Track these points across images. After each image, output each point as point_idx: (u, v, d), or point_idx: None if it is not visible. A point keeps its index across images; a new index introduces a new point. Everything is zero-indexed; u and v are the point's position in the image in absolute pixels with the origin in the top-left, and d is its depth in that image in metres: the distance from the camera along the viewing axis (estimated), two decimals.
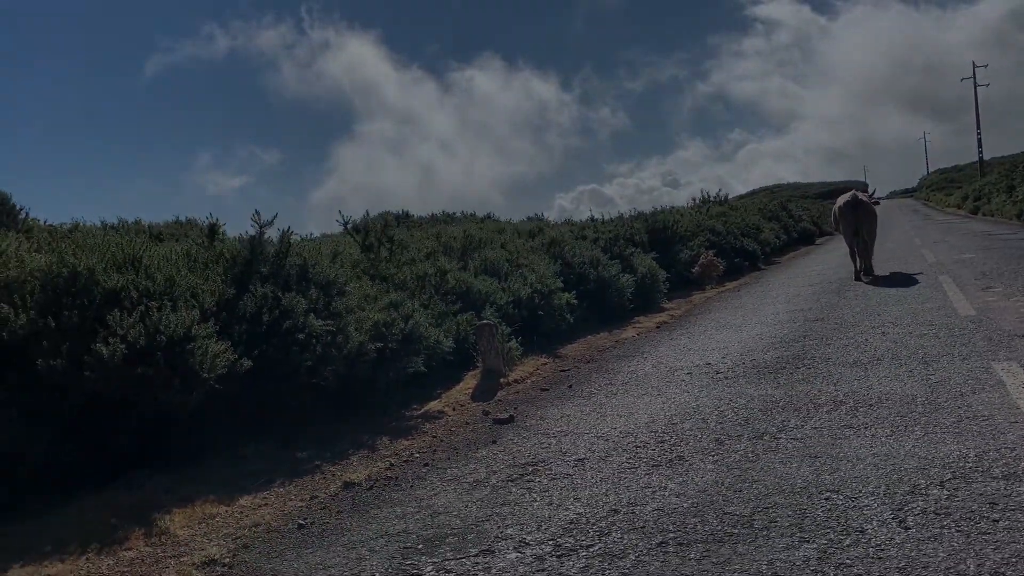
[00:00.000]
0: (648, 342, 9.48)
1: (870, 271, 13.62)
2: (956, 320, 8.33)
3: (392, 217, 18.18)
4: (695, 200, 25.20)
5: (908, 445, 4.40)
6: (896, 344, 7.34)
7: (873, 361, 6.71)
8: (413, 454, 5.44)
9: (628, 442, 5.12)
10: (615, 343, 9.63)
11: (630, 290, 11.54)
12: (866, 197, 13.87)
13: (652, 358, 8.22)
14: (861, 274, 13.34)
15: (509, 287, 9.13)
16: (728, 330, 9.55)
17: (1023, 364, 6.01)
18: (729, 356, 7.76)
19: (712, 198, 25.28)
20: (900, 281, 12.48)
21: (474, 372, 7.73)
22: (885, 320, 8.82)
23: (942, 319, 8.47)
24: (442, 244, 10.45)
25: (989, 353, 6.53)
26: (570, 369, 8.14)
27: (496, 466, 4.93)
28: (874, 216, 13.58)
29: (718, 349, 8.24)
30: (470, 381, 7.54)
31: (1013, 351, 6.51)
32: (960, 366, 6.18)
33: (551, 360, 8.62)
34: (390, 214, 19.36)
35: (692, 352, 8.27)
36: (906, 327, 8.21)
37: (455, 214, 21.75)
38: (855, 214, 13.23)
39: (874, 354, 7.00)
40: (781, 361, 7.18)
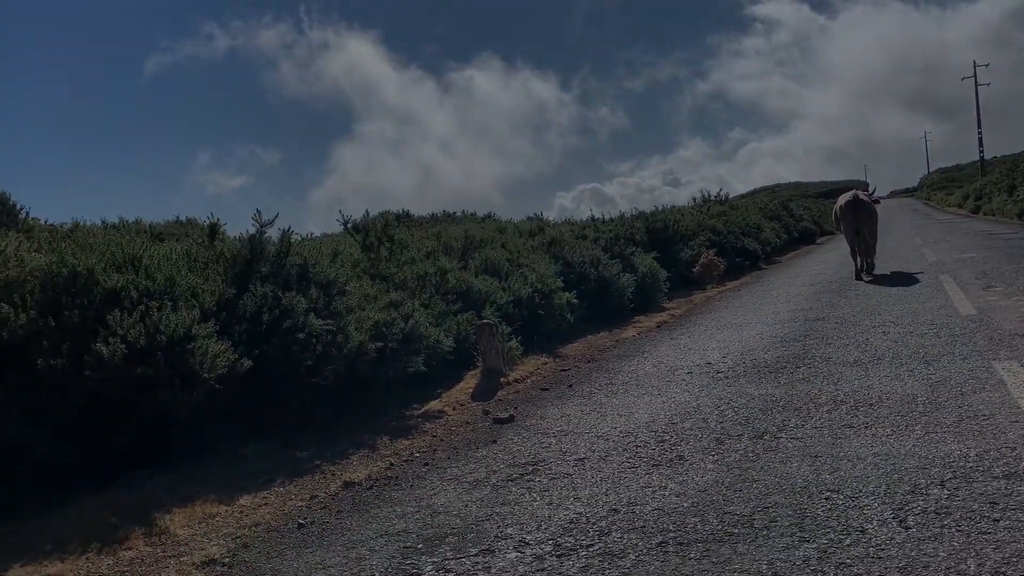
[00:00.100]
0: (648, 342, 9.48)
1: (872, 269, 13.69)
2: (957, 319, 8.32)
3: (392, 216, 18.17)
4: (695, 200, 25.18)
5: (909, 444, 4.40)
6: (897, 343, 7.34)
7: (874, 360, 6.70)
8: (413, 453, 5.44)
9: (628, 442, 5.11)
10: (615, 343, 9.63)
11: (630, 289, 11.54)
12: (867, 196, 13.95)
13: (652, 358, 8.21)
14: (862, 273, 13.41)
15: (509, 287, 9.13)
16: (729, 329, 9.55)
17: None
18: (730, 355, 7.75)
19: (712, 197, 25.24)
20: (901, 280, 12.48)
21: (474, 372, 7.73)
22: (886, 319, 8.81)
23: (943, 318, 8.47)
24: (442, 244, 10.45)
25: (990, 352, 6.52)
26: (570, 369, 8.14)
27: (496, 466, 4.92)
28: (875, 215, 13.65)
29: (718, 348, 8.24)
30: (470, 381, 7.54)
31: (1014, 350, 6.50)
32: (961, 365, 6.18)
33: (551, 360, 8.61)
34: (390, 213, 19.35)
35: (692, 351, 8.27)
36: (907, 326, 8.20)
37: (455, 213, 21.75)
38: (856, 214, 13.30)
39: (875, 353, 6.99)
40: (782, 360, 7.18)
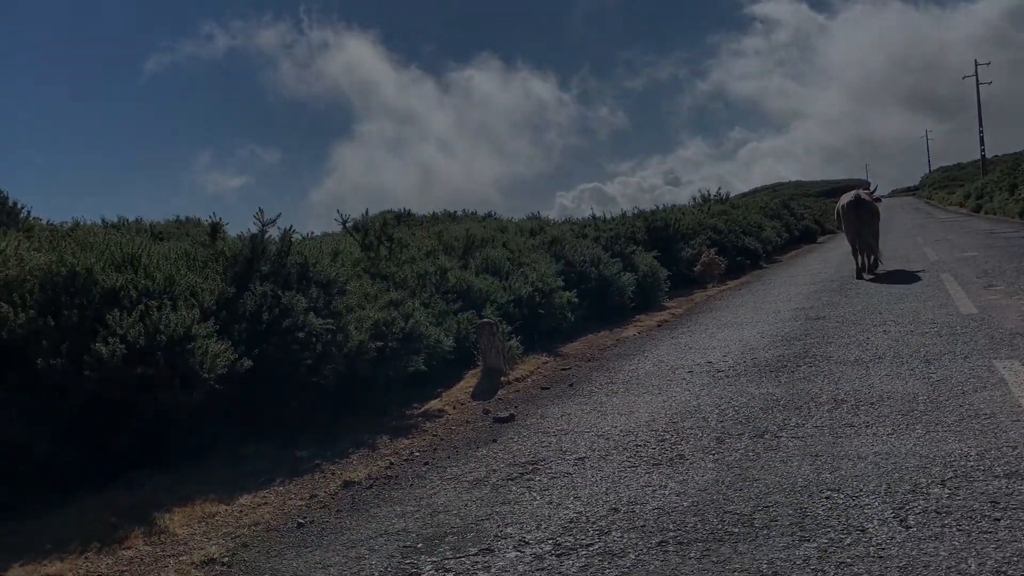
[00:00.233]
0: (649, 341, 9.47)
1: (875, 267, 13.73)
2: (958, 318, 8.31)
3: (393, 216, 18.17)
4: (696, 199, 25.15)
5: (909, 444, 4.39)
6: (898, 342, 7.33)
7: (875, 359, 6.69)
8: (413, 453, 5.43)
9: (628, 441, 5.11)
10: (616, 342, 9.62)
11: (631, 288, 11.53)
12: (868, 196, 14.01)
13: (653, 357, 8.21)
14: (863, 272, 13.44)
15: (510, 286, 9.12)
16: (729, 328, 9.53)
17: None
18: (730, 355, 7.74)
19: (713, 197, 25.21)
20: (902, 279, 12.47)
21: (475, 371, 7.72)
22: (887, 318, 8.80)
23: (944, 317, 8.46)
24: (443, 243, 10.44)
25: (991, 351, 6.51)
26: (571, 368, 8.13)
27: (496, 465, 4.92)
28: (876, 215, 13.70)
29: (719, 348, 8.23)
30: (471, 380, 7.53)
31: (1015, 349, 6.49)
32: (962, 364, 6.17)
33: (552, 359, 8.61)
34: (391, 213, 19.35)
35: (693, 351, 8.26)
36: (908, 325, 8.19)
37: (456, 213, 21.75)
38: (857, 213, 13.37)
39: (876, 352, 6.98)
40: (782, 359, 7.17)
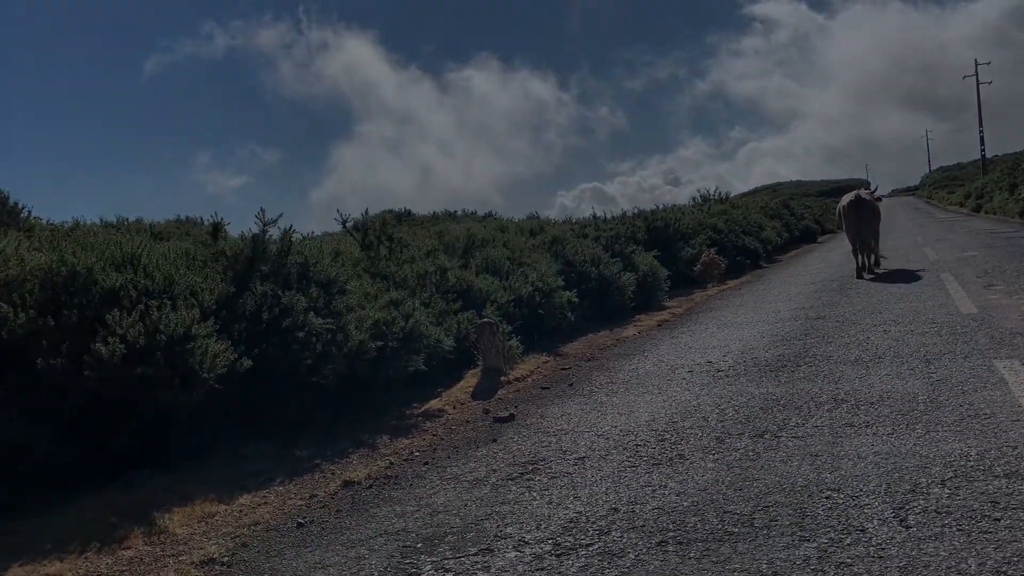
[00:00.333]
0: (649, 340, 9.47)
1: (875, 267, 13.75)
2: (958, 318, 8.30)
3: (393, 216, 18.17)
4: (696, 199, 25.13)
5: (909, 443, 4.39)
6: (898, 342, 7.32)
7: (875, 359, 6.69)
8: (413, 453, 5.43)
9: (628, 440, 5.10)
10: (616, 341, 9.62)
11: (631, 288, 11.53)
12: (869, 195, 14.03)
13: (653, 356, 8.20)
14: (863, 272, 13.46)
15: (510, 285, 9.12)
16: (729, 328, 9.53)
17: None
18: (730, 354, 7.74)
19: (711, 196, 25.19)
20: (902, 279, 12.47)
21: (475, 371, 7.72)
22: (887, 318, 8.80)
23: (944, 317, 8.45)
24: (444, 243, 10.44)
25: (991, 351, 6.51)
26: (571, 367, 8.13)
27: (496, 464, 4.92)
28: (877, 215, 13.73)
29: (719, 347, 8.23)
30: (471, 379, 7.53)
31: (1015, 349, 6.49)
32: (962, 364, 6.16)
33: (552, 358, 8.60)
34: (390, 213, 19.35)
35: (693, 350, 8.26)
36: (908, 325, 8.19)
37: (456, 212, 21.75)
38: (857, 213, 13.41)
39: (876, 352, 6.98)
40: (782, 359, 7.17)
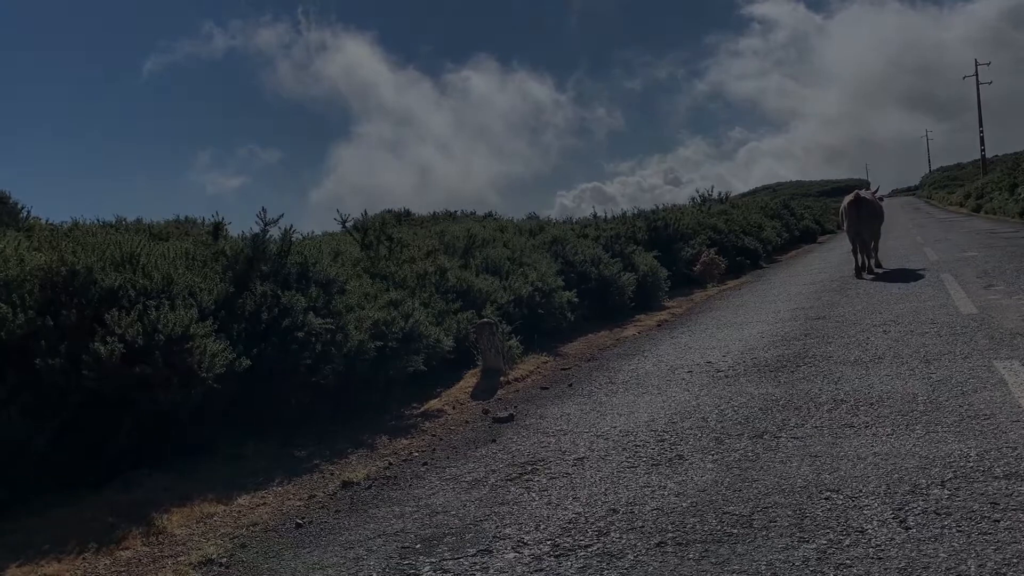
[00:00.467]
0: (649, 340, 9.46)
1: (875, 267, 13.76)
2: (958, 318, 8.30)
3: (392, 216, 18.16)
4: (695, 199, 25.11)
5: (909, 444, 4.38)
6: (897, 342, 7.32)
7: (874, 359, 6.68)
8: (412, 453, 5.42)
9: (628, 441, 5.10)
10: (616, 341, 9.61)
11: (631, 288, 11.53)
12: (870, 195, 14.05)
13: (653, 357, 8.20)
14: (863, 271, 13.47)
15: (510, 286, 9.12)
16: (729, 328, 9.53)
17: None
18: (730, 354, 7.73)
19: (711, 197, 25.16)
20: (902, 279, 12.47)
21: (474, 371, 7.72)
22: (887, 318, 8.79)
23: (944, 317, 8.45)
24: (444, 243, 10.43)
25: (991, 351, 6.50)
26: (571, 368, 8.12)
27: (495, 465, 4.91)
28: (877, 215, 13.75)
29: (719, 347, 8.22)
30: (470, 380, 7.53)
31: (1015, 349, 6.48)
32: (962, 365, 6.16)
33: (552, 358, 8.60)
34: (389, 213, 19.34)
35: (693, 350, 8.25)
36: (908, 325, 8.18)
37: (456, 213, 21.73)
38: (859, 213, 13.44)
39: (875, 352, 6.97)
40: (782, 359, 7.16)
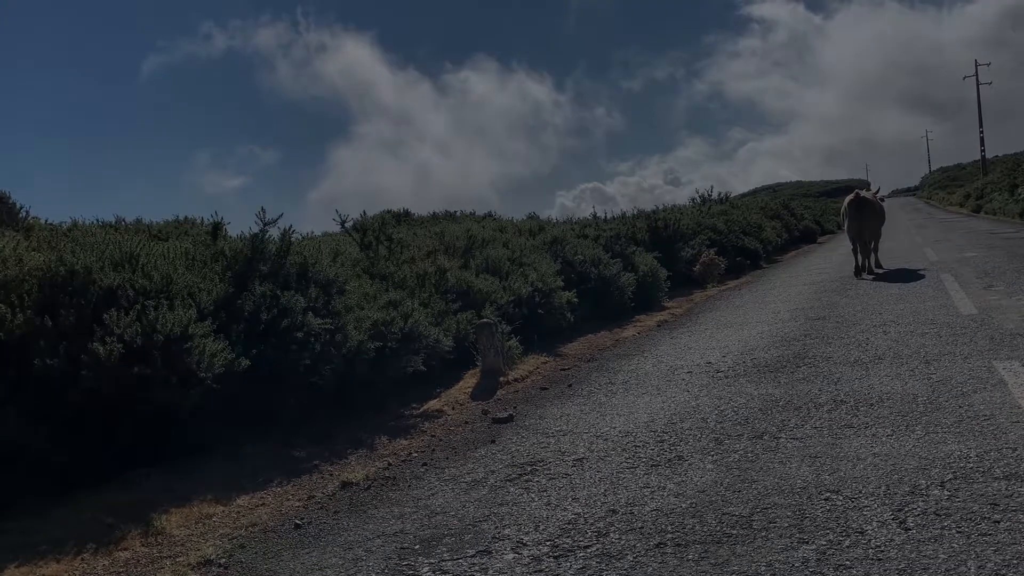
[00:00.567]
0: (649, 341, 9.45)
1: (875, 267, 13.77)
2: (958, 319, 8.29)
3: (392, 216, 18.15)
4: (695, 199, 25.10)
5: (909, 445, 4.38)
6: (897, 343, 7.31)
7: (874, 360, 6.68)
8: (411, 454, 5.42)
9: (627, 442, 5.09)
10: (616, 342, 9.60)
11: (631, 289, 11.52)
12: (871, 195, 14.07)
13: (652, 357, 8.19)
14: (863, 272, 13.48)
15: (510, 286, 9.11)
16: (729, 329, 9.52)
17: None
18: (730, 355, 7.73)
19: (710, 197, 25.15)
20: (902, 279, 12.46)
21: (474, 371, 7.71)
22: (886, 319, 8.79)
23: (944, 318, 8.44)
24: (444, 243, 10.42)
25: (991, 352, 6.50)
26: (570, 368, 8.12)
27: (494, 466, 4.90)
28: (878, 215, 13.76)
29: (719, 348, 8.21)
30: (469, 380, 7.52)
31: (1015, 350, 6.48)
32: (962, 365, 6.15)
33: (551, 359, 8.59)
34: (389, 213, 19.34)
35: (692, 351, 8.25)
36: (907, 326, 8.17)
37: (456, 213, 21.70)
38: (859, 213, 13.45)
39: (875, 353, 6.96)
40: (782, 360, 7.15)
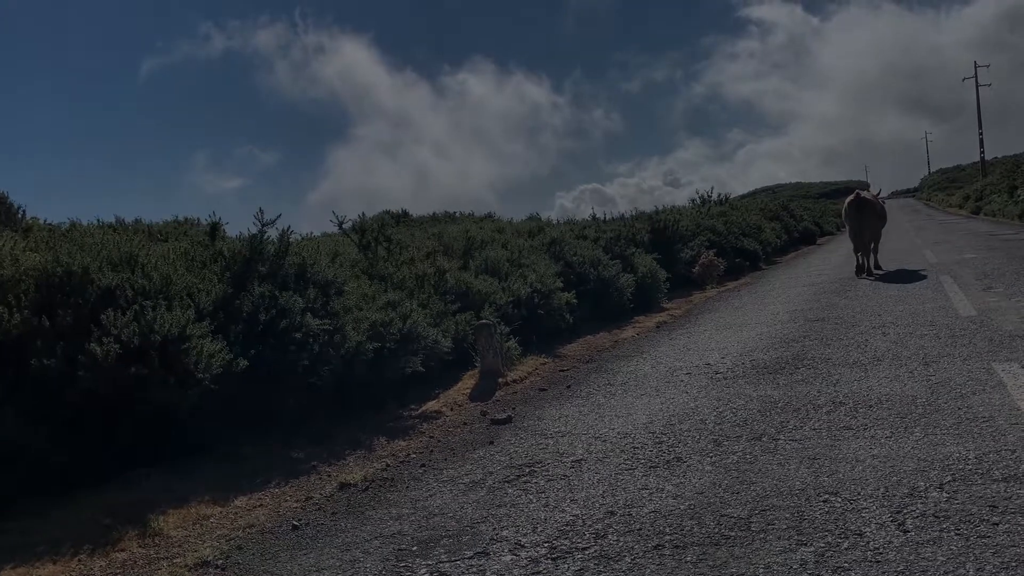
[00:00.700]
0: (648, 342, 9.45)
1: (875, 268, 13.77)
2: (957, 320, 8.29)
3: (391, 217, 18.15)
4: (694, 200, 25.10)
5: (908, 447, 4.37)
6: (896, 344, 7.31)
7: (873, 361, 6.67)
8: (410, 455, 5.41)
9: (626, 443, 5.08)
10: (615, 343, 9.60)
11: (630, 290, 11.52)
12: (872, 196, 14.09)
13: (651, 358, 8.19)
14: (863, 272, 13.49)
15: (509, 287, 9.10)
16: (728, 330, 9.52)
17: None
18: (728, 356, 7.72)
19: (709, 198, 25.15)
20: (901, 281, 12.46)
21: (472, 372, 7.70)
22: (886, 320, 8.78)
23: (943, 319, 8.44)
24: (443, 244, 10.41)
25: (990, 354, 6.49)
26: (569, 369, 8.11)
27: (493, 467, 4.89)
28: (879, 216, 13.78)
29: (717, 349, 8.21)
30: (468, 381, 7.51)
31: (1014, 352, 6.47)
32: (961, 367, 6.15)
33: (550, 360, 8.59)
34: (388, 214, 19.33)
35: (691, 352, 8.24)
36: (907, 327, 8.17)
37: (455, 214, 21.71)
38: (860, 213, 13.48)
39: (874, 354, 6.96)
40: (781, 361, 7.15)
